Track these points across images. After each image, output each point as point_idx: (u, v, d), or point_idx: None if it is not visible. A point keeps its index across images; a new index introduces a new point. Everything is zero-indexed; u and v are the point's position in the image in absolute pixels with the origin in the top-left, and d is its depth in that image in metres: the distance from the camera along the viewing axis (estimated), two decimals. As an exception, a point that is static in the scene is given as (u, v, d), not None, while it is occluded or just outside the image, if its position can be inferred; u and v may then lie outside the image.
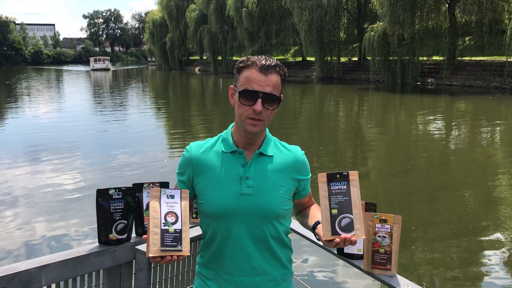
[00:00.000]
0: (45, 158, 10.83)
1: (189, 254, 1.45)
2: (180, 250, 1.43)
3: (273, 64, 1.57)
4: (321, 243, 1.73)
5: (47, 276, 2.06)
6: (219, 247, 1.67)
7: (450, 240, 5.94)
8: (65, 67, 74.41)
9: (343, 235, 1.49)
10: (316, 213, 1.74)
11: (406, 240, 5.78)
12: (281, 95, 1.64)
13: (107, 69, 66.58)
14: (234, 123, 1.72)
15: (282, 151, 1.72)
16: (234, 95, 1.65)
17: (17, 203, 7.66)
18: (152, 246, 1.40)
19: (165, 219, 1.45)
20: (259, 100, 1.55)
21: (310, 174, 1.79)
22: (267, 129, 1.72)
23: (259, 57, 1.59)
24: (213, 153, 1.68)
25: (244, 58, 1.62)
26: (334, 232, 1.51)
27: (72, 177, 9.13)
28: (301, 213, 1.89)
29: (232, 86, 1.67)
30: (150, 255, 1.40)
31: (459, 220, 6.62)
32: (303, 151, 1.77)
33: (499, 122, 15.76)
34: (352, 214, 1.51)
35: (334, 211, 1.52)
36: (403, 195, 7.92)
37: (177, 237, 1.44)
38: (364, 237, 1.59)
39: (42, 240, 6.17)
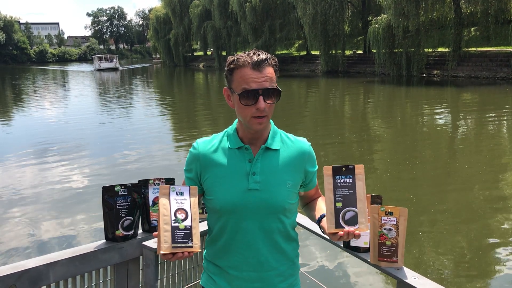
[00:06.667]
0: (51, 156, 10.90)
1: (199, 250, 1.46)
2: (191, 247, 1.43)
3: (264, 57, 1.54)
4: (327, 237, 1.74)
5: (55, 273, 2.07)
6: (227, 243, 1.67)
7: (457, 232, 5.92)
8: (69, 67, 72.74)
9: (347, 228, 1.49)
10: (322, 206, 1.74)
11: (413, 232, 5.77)
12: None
13: (115, 69, 58.72)
14: (238, 119, 1.71)
15: (288, 144, 1.71)
16: (232, 97, 1.63)
17: (25, 201, 7.73)
18: (163, 243, 1.41)
19: (175, 216, 1.45)
20: (261, 98, 1.53)
21: (317, 166, 1.78)
22: (272, 122, 1.72)
23: (247, 53, 1.56)
24: (220, 149, 1.67)
25: (233, 58, 1.58)
26: (338, 225, 1.50)
27: (79, 174, 9.19)
28: (308, 205, 1.89)
29: (226, 88, 1.65)
30: (161, 252, 1.41)
31: (467, 212, 6.60)
32: (310, 143, 1.76)
33: (506, 113, 15.62)
34: (356, 208, 1.51)
35: (339, 204, 1.52)
36: (410, 187, 7.89)
37: (188, 233, 1.44)
38: (368, 230, 1.58)
39: (50, 237, 6.22)
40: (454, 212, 6.57)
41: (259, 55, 1.55)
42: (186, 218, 1.46)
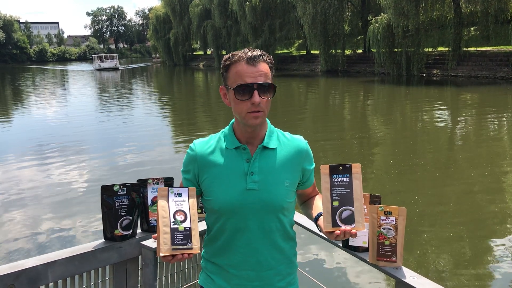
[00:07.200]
0: (50, 155, 10.90)
1: (199, 251, 1.46)
2: (191, 248, 1.44)
3: (258, 53, 1.57)
4: (324, 235, 1.74)
5: (54, 272, 2.07)
6: (226, 242, 1.67)
7: (456, 231, 5.92)
8: (69, 67, 72.19)
9: (343, 227, 1.50)
10: (319, 204, 1.74)
11: (412, 232, 5.78)
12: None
13: (115, 69, 57.97)
14: (234, 119, 1.71)
15: (285, 143, 1.71)
16: (228, 94, 1.64)
17: (23, 200, 7.72)
18: (163, 246, 1.41)
19: (174, 217, 1.45)
20: (255, 92, 1.54)
21: (314, 164, 1.78)
22: (268, 121, 1.72)
23: (242, 50, 1.59)
24: (217, 150, 1.67)
25: (228, 55, 1.62)
26: (334, 224, 1.51)
27: (78, 174, 9.19)
28: (305, 203, 1.89)
29: (222, 86, 1.66)
30: (161, 254, 1.41)
31: (466, 212, 6.60)
32: (306, 141, 1.76)
33: (506, 112, 15.63)
34: (353, 207, 1.51)
35: (335, 203, 1.52)
36: (409, 186, 7.89)
37: (187, 235, 1.45)
38: (365, 229, 1.59)
39: (48, 236, 6.22)
40: (453, 212, 6.57)
41: (253, 51, 1.58)
42: (185, 220, 1.46)
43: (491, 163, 9.03)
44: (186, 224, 1.46)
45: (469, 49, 28.14)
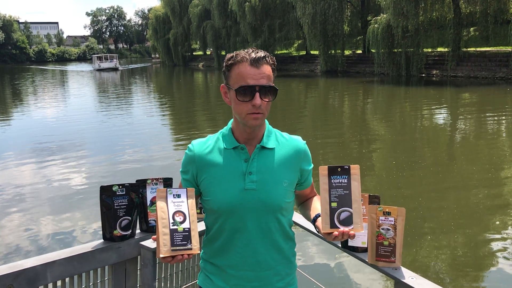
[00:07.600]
0: (50, 156, 10.89)
1: (199, 252, 1.46)
2: (190, 249, 1.44)
3: (262, 55, 1.56)
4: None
5: (53, 273, 2.07)
6: (225, 242, 1.67)
7: (455, 232, 5.92)
8: (68, 67, 71.74)
9: (342, 228, 1.49)
10: (317, 205, 1.74)
11: (411, 232, 5.78)
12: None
13: (115, 69, 58.13)
14: (233, 118, 1.71)
15: (283, 143, 1.71)
16: (228, 94, 1.64)
17: (23, 200, 7.72)
18: (162, 247, 1.41)
19: (173, 218, 1.46)
20: (257, 94, 1.54)
21: (312, 165, 1.78)
22: (266, 121, 1.72)
23: (246, 50, 1.58)
24: (215, 150, 1.67)
25: (232, 54, 1.60)
26: (332, 225, 1.50)
27: (77, 174, 9.18)
28: (303, 204, 1.89)
29: (223, 85, 1.65)
30: (161, 255, 1.41)
31: (465, 212, 6.60)
32: (305, 141, 1.76)
33: (505, 112, 15.63)
34: (351, 208, 1.51)
35: (334, 204, 1.52)
36: (408, 187, 7.89)
37: (187, 236, 1.45)
38: (363, 231, 1.59)
39: (47, 237, 6.22)
40: (452, 212, 6.57)
41: (257, 52, 1.56)
42: (184, 221, 1.47)
43: (490, 163, 9.03)
44: (185, 225, 1.46)
45: (468, 49, 28.15)
